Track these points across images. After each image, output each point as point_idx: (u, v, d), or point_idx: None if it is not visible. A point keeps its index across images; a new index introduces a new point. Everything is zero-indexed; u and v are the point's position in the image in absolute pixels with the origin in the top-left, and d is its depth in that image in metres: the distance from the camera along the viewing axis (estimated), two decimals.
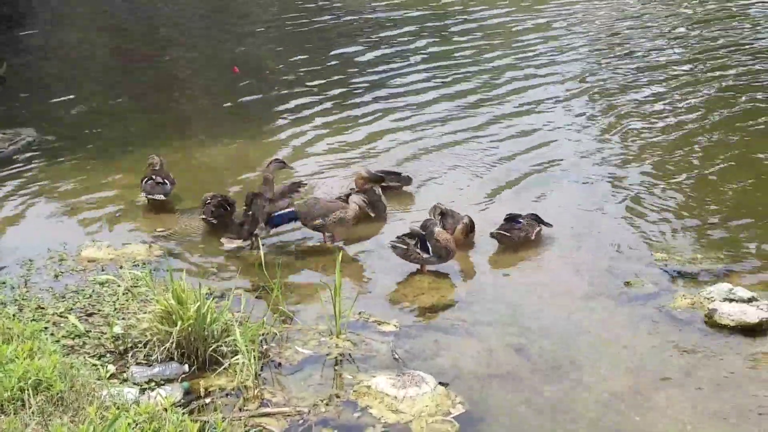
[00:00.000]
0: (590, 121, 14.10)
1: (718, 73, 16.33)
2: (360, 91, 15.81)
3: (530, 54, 17.87)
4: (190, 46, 19.68)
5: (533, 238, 10.02)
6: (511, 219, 10.08)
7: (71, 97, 15.65)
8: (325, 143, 13.30)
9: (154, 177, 10.96)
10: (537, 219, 10.15)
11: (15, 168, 12.38)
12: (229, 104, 15.45)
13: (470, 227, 10.02)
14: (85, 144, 13.33)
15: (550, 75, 16.51)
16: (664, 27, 20.09)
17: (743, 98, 14.92)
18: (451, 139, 13.39)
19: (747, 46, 18.25)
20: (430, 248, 9.37)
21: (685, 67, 16.81)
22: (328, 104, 15.07)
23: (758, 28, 19.93)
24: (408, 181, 11.61)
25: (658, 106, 14.66)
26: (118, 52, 18.22)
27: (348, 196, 10.59)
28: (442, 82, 16.21)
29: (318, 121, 14.26)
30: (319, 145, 13.22)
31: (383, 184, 11.09)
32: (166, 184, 11.01)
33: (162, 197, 10.93)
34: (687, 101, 14.86)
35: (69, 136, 13.65)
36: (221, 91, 16.34)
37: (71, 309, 8.40)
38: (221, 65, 17.79)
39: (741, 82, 15.83)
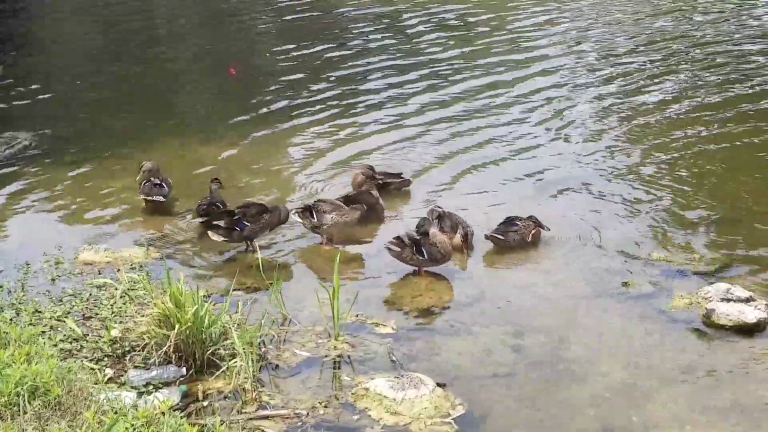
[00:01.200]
0: (587, 123, 14.09)
1: (716, 73, 16.31)
2: (358, 92, 15.81)
3: (530, 58, 17.83)
4: (188, 45, 19.67)
5: (529, 240, 10.01)
6: (508, 222, 10.08)
7: (67, 98, 15.64)
8: (322, 144, 13.30)
9: (152, 179, 10.97)
10: (536, 222, 10.13)
11: (11, 171, 12.37)
12: (226, 106, 15.45)
13: (470, 237, 10.03)
14: (82, 147, 13.32)
15: (549, 78, 16.49)
16: (659, 27, 20.08)
17: (742, 99, 14.89)
18: (451, 142, 13.39)
19: (746, 46, 18.25)
20: (425, 251, 9.36)
21: (682, 68, 16.79)
22: (326, 105, 15.06)
23: (755, 27, 19.93)
24: (407, 183, 11.60)
25: (655, 108, 14.65)
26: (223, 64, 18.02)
27: (347, 197, 10.59)
28: (443, 84, 16.19)
29: (315, 122, 14.26)
30: (316, 147, 13.22)
31: (381, 181, 11.11)
32: (164, 186, 11.02)
33: (161, 199, 10.94)
34: (683, 103, 14.85)
35: (65, 138, 13.64)
36: (219, 93, 16.35)
37: (68, 313, 8.37)
38: (219, 66, 17.78)
39: (741, 82, 15.81)
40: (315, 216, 10.07)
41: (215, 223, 9.94)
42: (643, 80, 16.04)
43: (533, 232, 10.05)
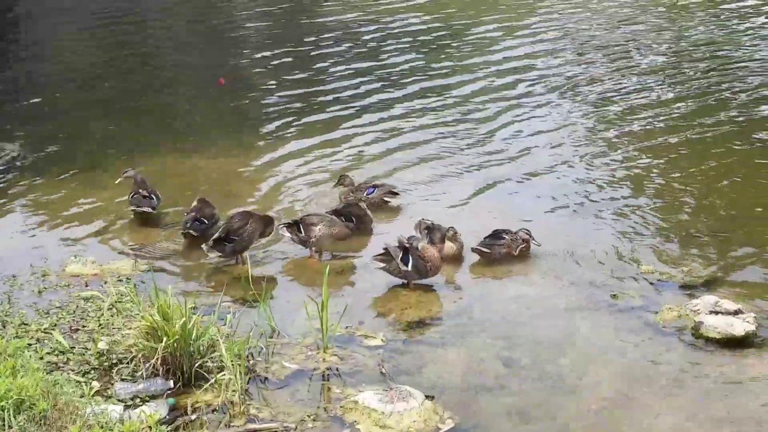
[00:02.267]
0: (578, 135, 14.08)
1: (708, 86, 16.33)
2: (348, 102, 15.79)
3: (522, 66, 17.85)
4: (179, 56, 19.67)
5: (515, 254, 10.00)
6: (495, 234, 10.07)
7: (55, 110, 15.60)
8: (312, 155, 13.27)
9: (141, 191, 10.95)
10: (528, 234, 10.11)
11: None
12: (215, 116, 15.43)
13: (461, 249, 10.05)
14: (69, 158, 13.26)
15: (540, 88, 16.46)
16: (656, 33, 20.13)
17: (732, 111, 14.91)
18: (440, 152, 13.38)
19: (743, 55, 18.32)
20: (410, 261, 9.33)
21: (674, 80, 16.83)
22: (317, 115, 15.06)
23: (755, 34, 19.99)
24: (394, 194, 11.58)
25: (644, 121, 14.64)
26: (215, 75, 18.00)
27: (335, 210, 10.59)
28: (433, 94, 16.19)
29: (306, 132, 14.23)
30: (307, 156, 13.19)
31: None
32: (153, 198, 11.00)
33: (150, 210, 10.91)
34: (673, 116, 14.84)
35: (53, 150, 13.59)
36: (210, 103, 16.32)
37: (55, 325, 8.33)
38: (210, 77, 17.77)
39: (733, 94, 15.83)
40: (303, 230, 10.05)
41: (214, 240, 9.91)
42: (633, 93, 16.05)
43: (522, 246, 10.04)
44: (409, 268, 9.34)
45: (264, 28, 22.38)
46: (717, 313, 8.51)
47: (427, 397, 7.36)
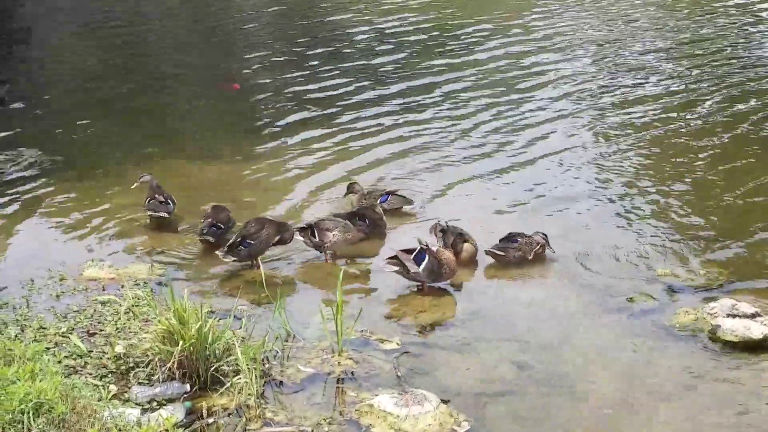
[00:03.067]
0: (592, 138, 14.08)
1: (723, 86, 16.31)
2: (359, 107, 15.80)
3: (533, 69, 17.86)
4: (187, 62, 19.74)
5: (530, 257, 9.99)
6: (509, 237, 10.07)
7: (71, 116, 15.68)
8: (325, 160, 13.30)
9: (157, 196, 11.01)
10: (545, 239, 10.10)
11: (17, 188, 12.38)
12: (226, 122, 15.49)
13: (476, 252, 10.07)
14: (86, 164, 13.34)
15: (552, 92, 16.48)
16: (666, 36, 20.10)
17: (748, 111, 14.88)
18: (451, 156, 13.39)
19: (751, 56, 18.27)
20: (425, 262, 9.32)
21: (688, 80, 16.79)
22: (327, 120, 15.07)
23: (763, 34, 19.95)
24: (410, 202, 11.58)
25: (659, 122, 14.65)
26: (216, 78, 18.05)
27: (351, 214, 10.61)
28: (443, 97, 16.21)
29: (318, 137, 14.24)
30: (318, 162, 13.21)
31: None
32: (170, 203, 11.07)
33: (165, 215, 10.98)
34: (688, 117, 14.84)
35: (70, 155, 13.66)
36: (221, 109, 16.37)
37: (73, 329, 8.39)
38: (218, 82, 17.83)
39: (746, 94, 15.81)
40: (317, 235, 10.08)
41: (229, 245, 9.96)
42: (646, 95, 16.04)
43: (537, 249, 10.03)
44: (420, 270, 9.34)
45: (267, 30, 22.44)
46: (734, 316, 8.49)
47: (442, 401, 7.37)
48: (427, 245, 9.44)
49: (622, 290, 9.31)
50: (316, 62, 18.84)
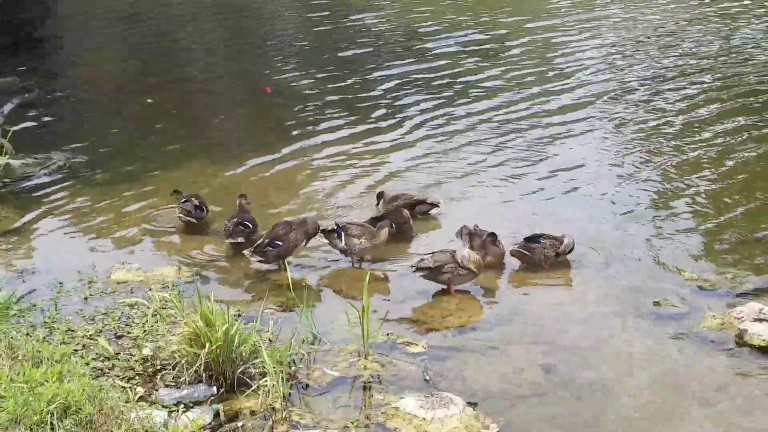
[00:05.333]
0: (617, 140, 14.03)
1: (751, 89, 16.20)
2: (390, 110, 15.79)
3: (554, 72, 17.81)
4: (216, 65, 19.83)
5: (552, 257, 9.93)
6: (533, 238, 10.04)
7: (100, 120, 15.82)
8: (353, 164, 13.31)
9: (192, 200, 11.08)
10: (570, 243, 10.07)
11: (46, 191, 12.49)
12: (256, 125, 15.55)
13: (503, 255, 10.08)
14: (115, 167, 13.44)
15: (576, 93, 16.44)
16: (688, 39, 19.96)
17: None
18: (480, 160, 13.35)
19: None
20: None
21: (714, 81, 16.68)
22: (356, 124, 15.07)
23: None
24: (436, 204, 11.57)
25: (686, 123, 14.57)
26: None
27: (376, 218, 10.63)
28: (473, 101, 16.15)
29: (346, 141, 14.25)
30: (346, 166, 13.23)
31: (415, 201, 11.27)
32: (203, 210, 11.13)
33: (195, 221, 11.04)
34: (716, 119, 14.73)
35: (98, 159, 13.76)
36: (249, 112, 16.44)
37: (101, 331, 8.45)
38: (250, 85, 17.91)
39: None
40: (344, 240, 10.09)
41: (256, 246, 10.01)
42: (673, 96, 15.95)
43: (561, 249, 9.96)
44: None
45: (297, 32, 22.50)
46: (762, 320, 8.42)
47: (469, 404, 7.37)
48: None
49: (648, 294, 9.25)
50: (347, 65, 18.85)
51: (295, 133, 14.87)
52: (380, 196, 11.45)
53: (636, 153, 13.41)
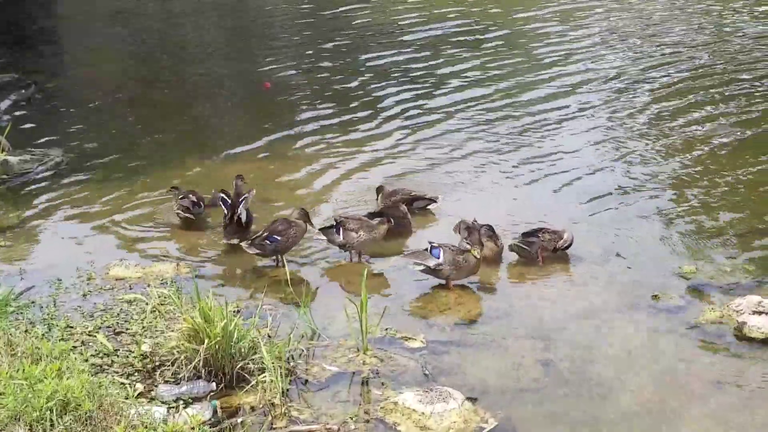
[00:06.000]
0: (616, 134, 14.02)
1: (750, 84, 16.19)
2: (390, 106, 15.76)
3: (555, 68, 17.78)
4: (215, 63, 19.82)
5: (550, 250, 9.94)
6: (532, 233, 10.05)
7: (98, 116, 15.81)
8: (350, 161, 13.30)
9: (189, 196, 11.09)
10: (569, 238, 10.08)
11: (44, 188, 12.48)
12: (256, 121, 15.53)
13: (500, 249, 10.09)
14: (113, 163, 13.43)
15: (576, 89, 16.42)
16: (692, 36, 19.94)
17: None
18: (480, 156, 13.34)
19: None
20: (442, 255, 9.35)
21: (715, 79, 16.66)
22: (354, 122, 15.06)
23: None
24: (434, 200, 11.56)
25: (684, 118, 14.57)
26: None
27: (373, 213, 10.63)
28: (473, 97, 16.12)
29: (343, 138, 14.25)
30: (344, 163, 13.22)
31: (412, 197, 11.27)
32: (201, 206, 11.13)
33: (192, 217, 11.04)
34: (713, 113, 14.75)
35: (96, 155, 13.75)
36: (248, 109, 16.44)
37: (100, 328, 8.45)
38: (249, 82, 17.90)
39: None
40: (342, 234, 10.09)
41: (254, 238, 10.02)
42: (671, 92, 15.95)
43: (559, 243, 9.97)
44: (441, 261, 9.33)
45: (300, 31, 22.45)
46: (760, 313, 8.44)
47: (468, 398, 7.37)
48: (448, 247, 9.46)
49: (647, 288, 9.26)
50: (346, 62, 18.84)
51: (296, 128, 14.86)
52: (380, 190, 11.46)
53: (635, 148, 13.40)
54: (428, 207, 11.50)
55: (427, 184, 12.24)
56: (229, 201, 10.65)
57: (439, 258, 9.37)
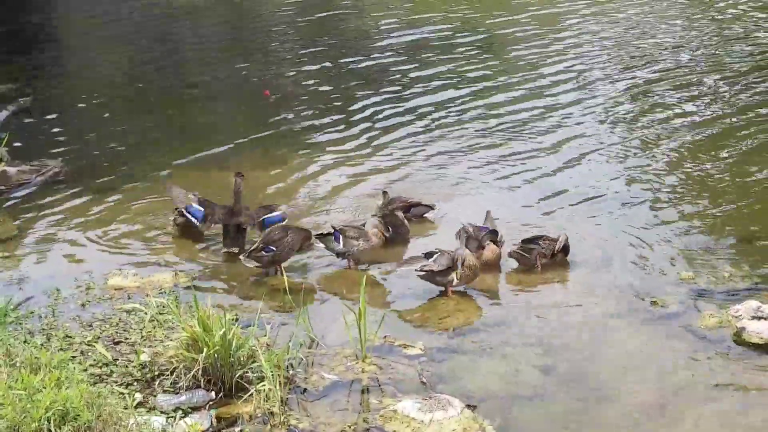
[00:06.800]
0: (614, 142, 13.99)
1: (750, 90, 16.19)
2: (390, 114, 15.73)
3: (558, 73, 17.75)
4: (213, 71, 19.83)
5: (549, 258, 9.94)
6: (531, 240, 10.05)
7: (95, 126, 15.79)
8: (349, 167, 13.29)
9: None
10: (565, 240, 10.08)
11: (42, 199, 12.47)
12: (252, 129, 15.52)
13: (499, 255, 10.09)
14: (111, 173, 13.41)
15: (575, 95, 16.38)
16: (696, 43, 19.95)
17: None
18: (478, 162, 13.33)
19: None
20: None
21: (715, 83, 16.67)
22: (353, 128, 15.05)
23: None
24: (431, 207, 11.57)
25: (683, 124, 14.57)
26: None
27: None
28: (470, 102, 16.13)
29: (342, 145, 14.23)
30: (343, 169, 13.22)
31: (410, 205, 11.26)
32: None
33: (197, 223, 11.03)
34: (713, 119, 14.75)
35: (94, 165, 13.74)
36: (245, 117, 16.42)
37: (98, 337, 8.44)
38: (248, 90, 17.91)
39: None
40: (341, 242, 10.09)
41: (251, 250, 10.03)
42: (671, 98, 15.95)
43: (559, 250, 9.98)
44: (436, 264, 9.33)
45: (296, 37, 22.47)
46: (759, 318, 8.44)
47: (467, 406, 7.37)
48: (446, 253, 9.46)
49: (646, 293, 9.26)
50: (347, 69, 18.81)
51: (295, 136, 14.87)
52: (385, 194, 11.44)
53: (634, 154, 13.38)
54: (426, 215, 11.49)
55: (425, 190, 12.23)
56: (203, 210, 10.63)
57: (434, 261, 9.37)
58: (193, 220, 10.73)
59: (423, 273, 9.44)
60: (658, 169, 12.79)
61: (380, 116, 15.58)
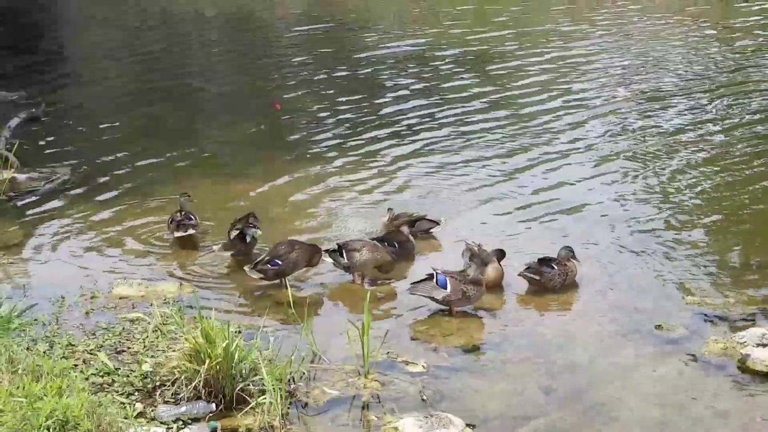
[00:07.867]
0: (621, 161, 14.01)
1: (754, 110, 16.21)
2: (397, 129, 15.80)
3: (561, 92, 17.85)
4: (220, 82, 19.92)
5: (563, 283, 9.92)
6: (542, 262, 10.01)
7: (105, 134, 15.88)
8: (355, 183, 13.32)
9: (182, 213, 11.14)
10: (572, 252, 10.05)
11: (50, 206, 12.53)
12: (258, 142, 15.59)
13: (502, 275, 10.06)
14: (119, 181, 13.47)
15: (579, 114, 16.46)
16: (701, 63, 19.98)
17: None
18: (485, 179, 13.36)
19: None
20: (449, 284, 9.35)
21: (724, 108, 16.66)
22: (359, 143, 15.11)
23: None
24: (437, 222, 11.56)
25: (690, 147, 14.56)
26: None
27: (378, 239, 10.63)
28: (480, 121, 16.19)
29: (348, 160, 14.28)
30: (348, 185, 13.24)
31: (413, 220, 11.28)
32: (192, 220, 11.17)
33: (191, 231, 11.05)
34: (720, 141, 14.76)
35: (102, 174, 13.80)
36: (255, 127, 16.45)
37: (101, 346, 8.45)
38: (255, 100, 17.95)
39: None
40: (345, 256, 10.10)
41: (256, 262, 10.04)
42: (676, 122, 15.96)
43: (571, 275, 9.95)
44: (449, 291, 9.33)
45: (304, 49, 22.56)
46: (764, 345, 8.39)
47: (468, 425, 7.34)
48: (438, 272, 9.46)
49: (650, 317, 9.23)
50: (354, 82, 18.93)
51: (302, 149, 14.94)
52: (390, 210, 11.46)
53: (638, 176, 13.36)
54: (431, 230, 11.49)
55: (431, 206, 12.22)
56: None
57: (446, 288, 9.35)
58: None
59: (422, 294, 9.43)
60: (668, 192, 12.76)
61: (391, 131, 15.66)
